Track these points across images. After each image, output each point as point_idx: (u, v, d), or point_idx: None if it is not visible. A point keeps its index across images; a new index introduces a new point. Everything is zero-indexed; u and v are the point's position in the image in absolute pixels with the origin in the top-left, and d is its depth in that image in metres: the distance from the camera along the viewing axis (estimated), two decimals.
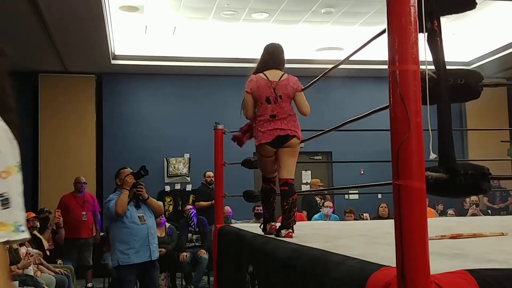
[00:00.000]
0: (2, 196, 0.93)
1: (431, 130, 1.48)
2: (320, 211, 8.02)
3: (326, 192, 8.64)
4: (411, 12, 1.36)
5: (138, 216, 4.82)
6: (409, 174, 1.33)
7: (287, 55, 3.59)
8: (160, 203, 5.37)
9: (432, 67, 1.62)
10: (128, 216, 4.77)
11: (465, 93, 1.72)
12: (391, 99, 1.36)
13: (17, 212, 0.97)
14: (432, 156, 1.52)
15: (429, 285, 1.30)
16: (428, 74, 1.54)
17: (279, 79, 3.44)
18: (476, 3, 1.76)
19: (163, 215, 7.33)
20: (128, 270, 4.76)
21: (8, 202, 0.94)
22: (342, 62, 2.94)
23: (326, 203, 7.69)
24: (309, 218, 7.83)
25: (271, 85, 3.42)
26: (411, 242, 1.33)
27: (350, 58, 2.81)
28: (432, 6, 1.60)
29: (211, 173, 7.99)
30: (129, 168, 4.98)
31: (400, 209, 1.34)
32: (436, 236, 2.57)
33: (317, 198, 8.62)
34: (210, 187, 8.06)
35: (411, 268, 1.31)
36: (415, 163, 1.34)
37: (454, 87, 1.66)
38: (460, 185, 1.58)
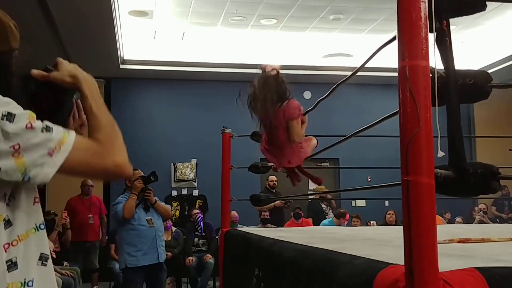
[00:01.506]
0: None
1: (439, 129, 1.47)
2: (326, 218, 8.00)
3: (331, 197, 8.60)
4: (422, 7, 1.36)
5: (146, 219, 4.84)
6: (418, 169, 1.32)
7: (294, 61, 3.30)
8: (168, 206, 5.39)
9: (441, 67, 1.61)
10: (136, 219, 4.78)
11: (474, 93, 1.71)
12: (401, 94, 1.36)
13: None
14: (440, 154, 1.52)
15: (438, 281, 1.29)
16: (437, 73, 1.54)
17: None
18: (486, 5, 1.75)
19: (169, 220, 7.33)
20: (136, 272, 4.77)
21: None
22: (357, 70, 2.75)
23: (347, 216, 7.68)
24: (315, 226, 7.79)
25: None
26: (419, 239, 1.32)
27: (358, 65, 2.74)
28: (441, 6, 1.60)
29: (274, 177, 7.94)
30: (139, 170, 4.99)
31: (409, 205, 1.33)
32: (444, 240, 2.55)
33: (323, 205, 8.60)
34: (273, 191, 8.00)
35: (420, 264, 1.30)
36: (424, 158, 1.33)
37: (463, 87, 1.65)
38: (469, 184, 1.57)
